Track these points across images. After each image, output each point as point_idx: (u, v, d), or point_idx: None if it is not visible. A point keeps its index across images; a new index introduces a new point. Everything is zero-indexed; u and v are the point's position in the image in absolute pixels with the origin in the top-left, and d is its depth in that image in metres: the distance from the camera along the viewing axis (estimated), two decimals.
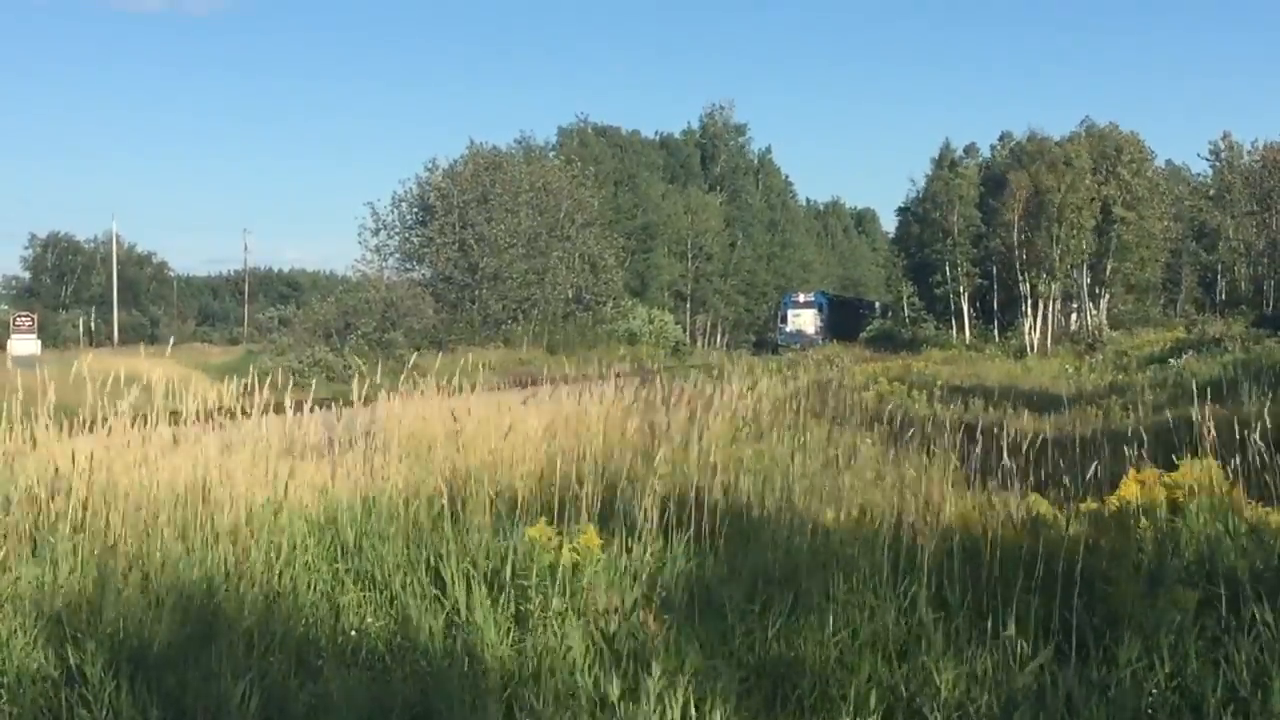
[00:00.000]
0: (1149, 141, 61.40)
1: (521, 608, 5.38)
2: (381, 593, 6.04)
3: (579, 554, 5.49)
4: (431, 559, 6.18)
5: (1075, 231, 50.06)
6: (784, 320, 67.64)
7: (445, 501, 6.74)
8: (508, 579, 5.68)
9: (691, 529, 6.03)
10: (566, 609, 5.24)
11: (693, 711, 4.34)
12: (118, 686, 4.81)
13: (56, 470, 6.96)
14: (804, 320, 65.87)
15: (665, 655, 4.70)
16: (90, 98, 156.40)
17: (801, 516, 6.31)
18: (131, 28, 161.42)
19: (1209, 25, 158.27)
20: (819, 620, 4.94)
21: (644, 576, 5.61)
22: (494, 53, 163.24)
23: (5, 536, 6.44)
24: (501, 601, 5.50)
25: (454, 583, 5.68)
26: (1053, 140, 56.15)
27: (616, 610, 5.20)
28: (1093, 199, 50.90)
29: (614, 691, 4.38)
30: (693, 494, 6.46)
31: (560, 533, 5.77)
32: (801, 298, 68.63)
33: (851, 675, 4.62)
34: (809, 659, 4.77)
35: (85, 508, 6.72)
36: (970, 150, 65.83)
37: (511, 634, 5.25)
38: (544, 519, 5.89)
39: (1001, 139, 64.56)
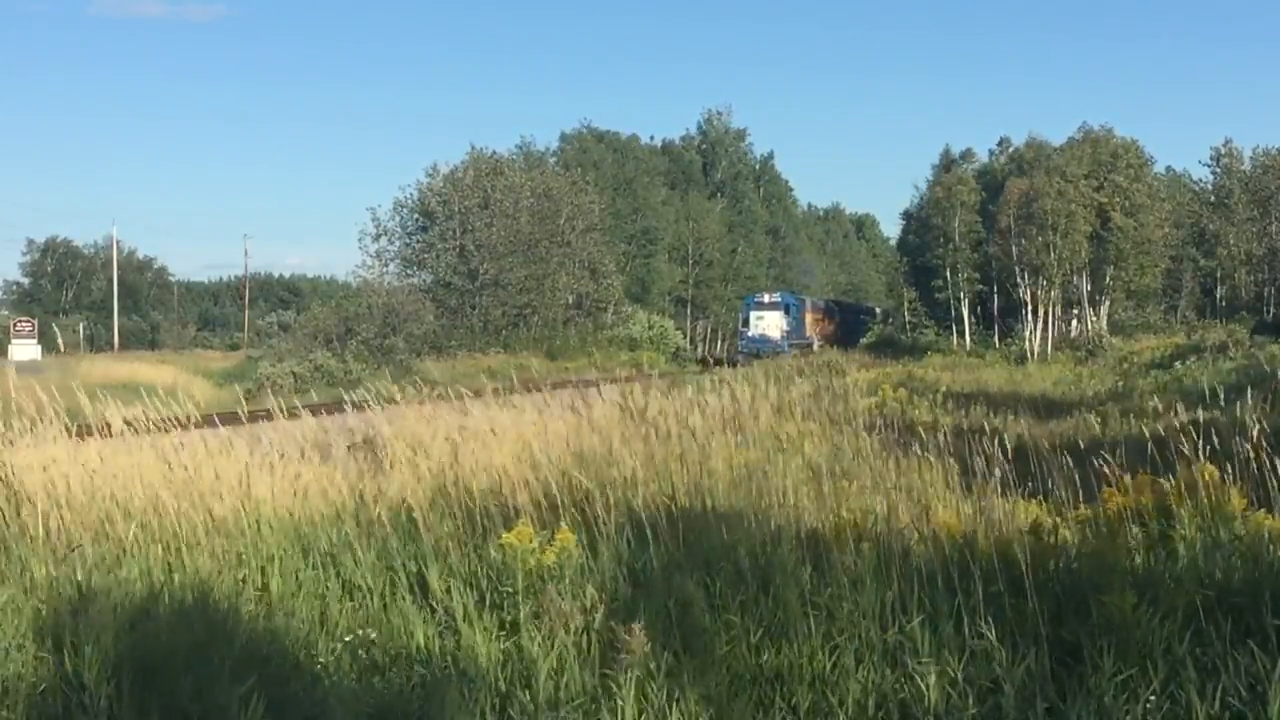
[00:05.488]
0: (1150, 148, 61.44)
1: (504, 616, 5.40)
2: (373, 600, 6.05)
3: (558, 559, 5.49)
4: (417, 566, 6.21)
5: (1067, 239, 50.00)
6: (746, 324, 60.50)
7: (429, 508, 6.77)
8: (486, 585, 5.70)
9: (667, 533, 6.03)
10: (544, 614, 5.25)
11: (672, 714, 4.35)
12: (113, 693, 4.81)
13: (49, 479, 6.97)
14: (768, 324, 59.05)
15: (642, 660, 4.70)
16: (90, 103, 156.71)
17: (790, 521, 6.30)
18: (132, 33, 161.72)
19: (1212, 32, 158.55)
20: (800, 627, 4.94)
21: (620, 581, 5.63)
22: (495, 58, 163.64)
23: None
24: (487, 606, 5.52)
25: (442, 589, 5.70)
26: (1051, 146, 56.22)
27: (593, 617, 5.21)
28: (1087, 206, 50.85)
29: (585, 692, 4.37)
30: (671, 498, 6.46)
31: (541, 538, 5.76)
32: (766, 298, 61.62)
33: (841, 682, 4.62)
34: (801, 665, 4.77)
35: (71, 514, 6.73)
36: (966, 155, 65.89)
37: (498, 638, 5.27)
38: (526, 524, 5.89)
39: (1000, 144, 64.72)
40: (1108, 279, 53.90)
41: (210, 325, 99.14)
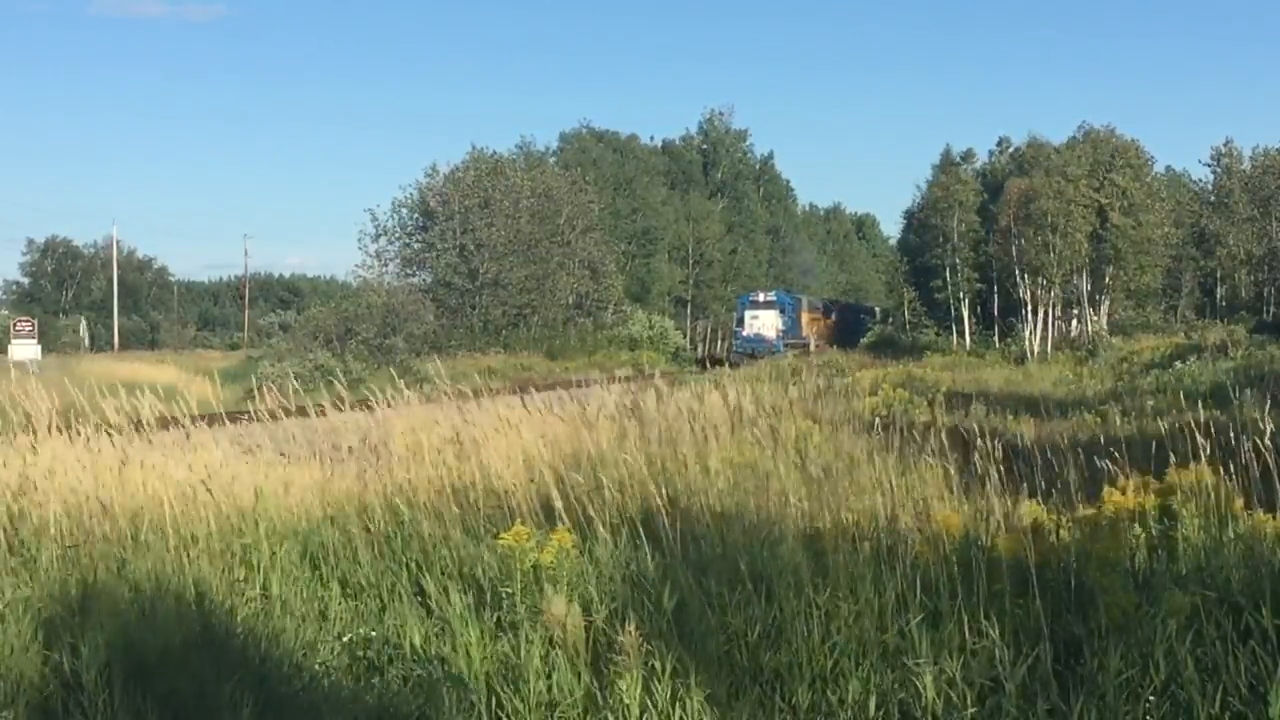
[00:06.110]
0: (1150, 148, 61.40)
1: (501, 616, 5.40)
2: (372, 600, 6.06)
3: (556, 559, 5.49)
4: (416, 566, 6.21)
5: (1067, 239, 49.98)
6: (740, 323, 59.80)
7: (428, 508, 6.78)
8: (486, 585, 5.70)
9: (666, 533, 6.03)
10: (540, 614, 5.25)
11: (675, 714, 4.34)
12: (111, 693, 4.81)
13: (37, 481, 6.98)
14: (763, 323, 58.35)
15: (642, 660, 4.70)
16: (90, 103, 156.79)
17: (789, 520, 6.29)
18: (132, 32, 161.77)
19: (1212, 32, 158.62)
20: (800, 627, 4.94)
21: (618, 582, 5.62)
22: (495, 58, 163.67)
23: None
24: (486, 607, 5.52)
25: (439, 590, 5.70)
26: (1051, 146, 56.19)
27: (591, 618, 5.21)
28: (1087, 205, 50.84)
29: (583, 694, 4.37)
30: (670, 499, 6.46)
31: (538, 538, 5.76)
32: (761, 297, 60.96)
33: (841, 682, 4.61)
34: (800, 665, 4.76)
35: (72, 514, 6.72)
36: (966, 156, 65.87)
37: (495, 639, 5.26)
38: (523, 525, 5.89)
39: (1000, 144, 64.71)
40: (1107, 279, 53.91)
41: (210, 325, 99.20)
